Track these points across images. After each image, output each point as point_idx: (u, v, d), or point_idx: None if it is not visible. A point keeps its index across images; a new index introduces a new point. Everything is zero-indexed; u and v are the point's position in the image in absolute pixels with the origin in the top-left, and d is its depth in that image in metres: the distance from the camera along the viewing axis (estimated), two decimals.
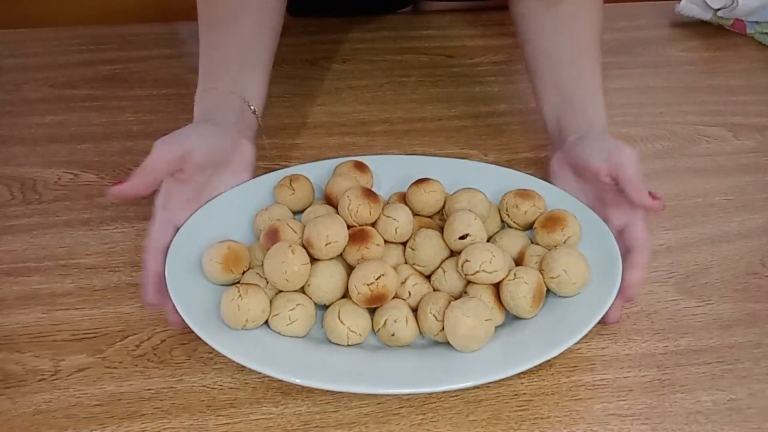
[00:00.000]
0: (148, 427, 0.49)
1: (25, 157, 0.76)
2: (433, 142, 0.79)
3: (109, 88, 0.89)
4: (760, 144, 0.80)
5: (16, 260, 0.63)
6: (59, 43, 1.00)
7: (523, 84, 0.92)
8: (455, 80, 0.92)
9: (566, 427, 0.49)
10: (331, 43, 1.00)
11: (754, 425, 0.50)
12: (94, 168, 0.75)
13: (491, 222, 0.62)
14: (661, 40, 1.03)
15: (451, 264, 0.56)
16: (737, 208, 0.70)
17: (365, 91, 0.89)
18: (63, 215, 0.68)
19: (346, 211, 0.57)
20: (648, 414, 0.50)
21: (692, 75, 0.95)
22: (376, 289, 0.52)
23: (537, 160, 0.76)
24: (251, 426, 0.49)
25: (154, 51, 0.98)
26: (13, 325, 0.57)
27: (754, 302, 0.60)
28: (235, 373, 0.53)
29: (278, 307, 0.53)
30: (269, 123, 0.82)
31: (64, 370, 0.53)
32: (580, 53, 0.71)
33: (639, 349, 0.55)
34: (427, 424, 0.49)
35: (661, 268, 0.63)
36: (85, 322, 0.57)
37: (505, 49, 1.00)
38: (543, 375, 0.53)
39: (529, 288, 0.53)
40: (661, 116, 0.85)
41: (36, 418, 0.50)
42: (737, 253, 0.64)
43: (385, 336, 0.52)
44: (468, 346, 0.51)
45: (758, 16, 1.02)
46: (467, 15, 1.08)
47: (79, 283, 0.60)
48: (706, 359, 0.54)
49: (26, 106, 0.85)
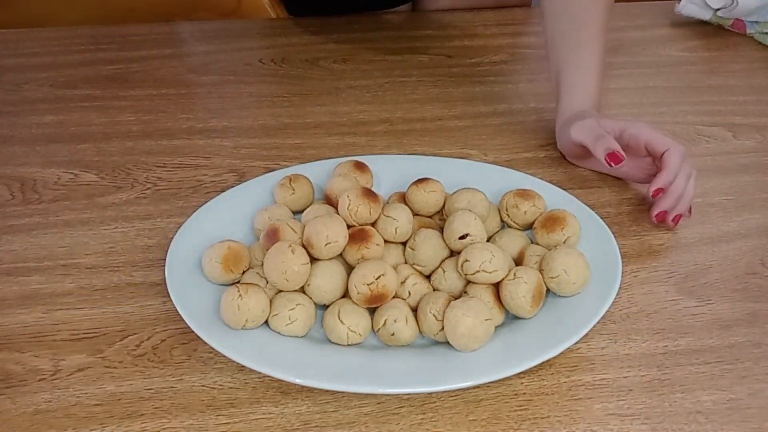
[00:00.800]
0: (148, 426, 0.49)
1: (25, 157, 0.76)
2: (433, 142, 0.79)
3: (109, 88, 0.89)
4: (760, 144, 0.80)
5: (16, 260, 0.63)
6: (59, 43, 1.00)
7: (523, 84, 0.92)
8: (455, 80, 0.92)
9: (566, 426, 0.49)
10: (331, 43, 1.00)
11: (753, 425, 0.50)
12: (94, 168, 0.75)
13: (491, 222, 0.62)
14: (661, 40, 1.03)
15: (451, 264, 0.56)
16: (737, 208, 0.70)
17: (365, 91, 0.89)
18: (63, 215, 0.68)
19: (346, 211, 0.57)
20: (648, 414, 0.50)
21: (692, 75, 0.95)
22: (376, 288, 0.52)
23: (537, 160, 0.76)
24: (251, 426, 0.49)
25: (154, 51, 0.98)
26: (13, 325, 0.57)
27: (754, 302, 0.60)
28: (235, 373, 0.53)
29: (278, 306, 0.53)
30: (269, 123, 0.82)
31: (64, 370, 0.53)
32: (580, 37, 0.74)
33: (639, 349, 0.55)
34: (427, 423, 0.49)
35: (661, 268, 0.63)
36: (85, 322, 0.57)
37: (505, 49, 1.00)
38: (543, 375, 0.53)
39: (528, 288, 0.53)
40: (661, 116, 0.85)
41: (36, 417, 0.50)
42: (737, 253, 0.64)
43: (384, 336, 0.52)
44: (468, 346, 0.51)
45: (758, 16, 1.02)
46: (467, 15, 1.08)
47: (79, 283, 0.60)
48: (706, 359, 0.54)
49: (26, 106, 0.85)
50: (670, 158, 0.64)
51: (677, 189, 0.64)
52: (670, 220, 0.65)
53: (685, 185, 0.65)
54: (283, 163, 0.74)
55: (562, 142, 0.74)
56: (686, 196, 0.65)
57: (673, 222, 0.65)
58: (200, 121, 0.83)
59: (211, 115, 0.84)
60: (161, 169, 0.75)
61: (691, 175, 0.65)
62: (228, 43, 1.00)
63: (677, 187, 0.64)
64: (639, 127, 0.67)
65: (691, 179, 0.65)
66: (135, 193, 0.71)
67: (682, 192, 0.64)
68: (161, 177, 0.73)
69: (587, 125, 0.68)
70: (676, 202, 0.64)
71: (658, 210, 0.64)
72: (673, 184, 0.64)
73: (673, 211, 0.65)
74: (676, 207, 0.65)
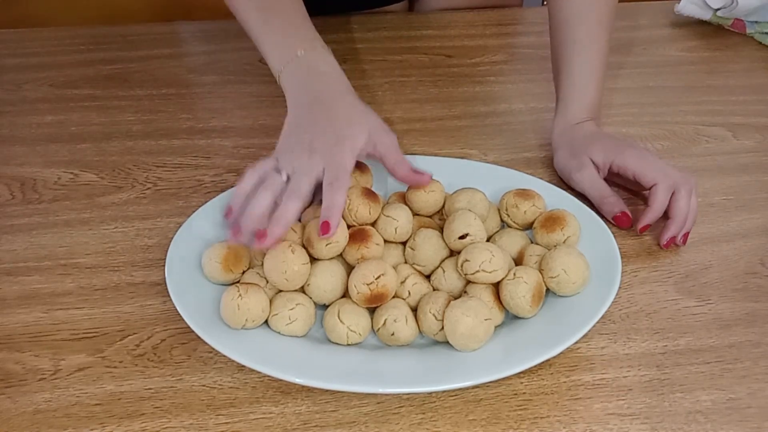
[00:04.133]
0: (147, 426, 0.49)
1: (25, 157, 0.76)
2: (433, 142, 0.79)
3: (109, 88, 0.89)
4: (760, 144, 0.80)
5: (16, 260, 0.63)
6: (59, 43, 1.00)
7: (523, 84, 0.92)
8: (455, 80, 0.92)
9: (565, 426, 0.49)
10: (330, 43, 0.99)
11: (753, 424, 0.50)
12: (94, 168, 0.75)
13: (491, 222, 0.62)
14: (661, 40, 1.03)
15: (451, 264, 0.56)
16: (737, 207, 0.70)
17: (365, 91, 0.89)
18: (63, 215, 0.68)
19: (346, 211, 0.57)
20: (647, 413, 0.50)
21: (692, 75, 0.95)
22: (376, 288, 0.52)
23: (537, 160, 0.76)
24: (251, 425, 0.49)
25: (154, 51, 0.98)
26: (13, 325, 0.57)
27: (753, 302, 0.60)
28: (235, 373, 0.53)
29: (278, 306, 0.53)
30: (269, 123, 0.82)
31: (64, 370, 0.53)
32: (581, 47, 0.73)
33: (638, 349, 0.55)
34: (426, 423, 0.49)
35: (660, 268, 0.63)
36: (85, 321, 0.57)
37: (505, 49, 1.00)
38: (542, 374, 0.53)
39: (528, 287, 0.53)
40: (661, 116, 0.85)
41: (36, 417, 0.50)
42: (737, 253, 0.64)
43: (384, 335, 0.53)
44: (467, 346, 0.51)
45: (758, 16, 1.02)
46: (467, 15, 1.08)
47: (79, 283, 0.60)
48: (706, 359, 0.54)
49: (26, 106, 0.85)
50: (657, 195, 0.64)
51: (680, 213, 0.64)
52: (680, 242, 0.64)
53: (687, 207, 0.64)
54: None
55: (556, 160, 0.73)
56: (691, 214, 0.64)
57: (682, 242, 0.64)
58: (200, 121, 0.83)
59: (211, 115, 0.84)
60: (161, 169, 0.75)
61: (691, 192, 0.65)
62: (228, 43, 0.99)
63: (680, 212, 0.64)
64: (626, 157, 0.67)
65: (693, 195, 0.65)
66: (135, 193, 0.71)
67: (686, 214, 0.64)
68: (161, 177, 0.73)
69: (588, 177, 0.68)
70: (683, 224, 0.64)
71: (667, 238, 0.64)
72: (674, 209, 0.64)
73: (681, 231, 0.64)
74: (684, 227, 0.64)
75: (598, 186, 0.67)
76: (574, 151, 0.70)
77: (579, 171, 0.68)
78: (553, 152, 0.74)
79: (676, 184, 0.64)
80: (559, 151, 0.72)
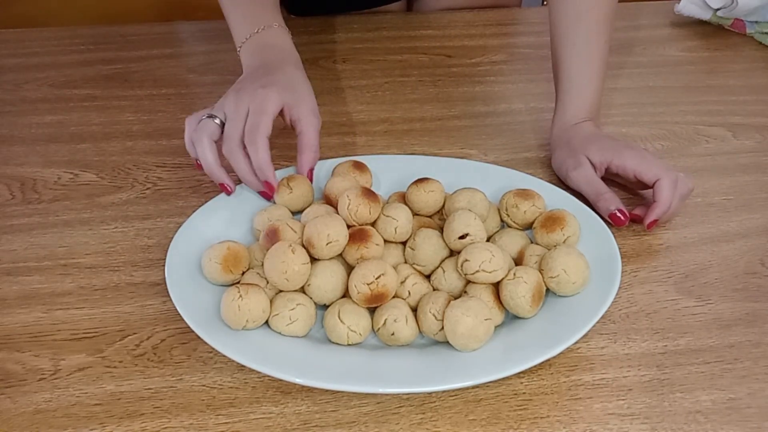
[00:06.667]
0: (147, 426, 0.49)
1: (25, 157, 0.76)
2: (433, 142, 0.80)
3: (109, 88, 0.89)
4: (760, 144, 0.80)
5: (16, 260, 0.63)
6: (59, 43, 1.00)
7: (523, 84, 0.92)
8: (455, 80, 0.92)
9: (565, 426, 0.49)
10: (331, 43, 1.00)
11: (753, 424, 0.50)
12: (94, 168, 0.75)
13: (491, 222, 0.62)
14: (661, 40, 1.03)
15: (451, 263, 0.56)
16: (737, 207, 0.70)
17: (365, 91, 0.89)
18: (63, 215, 0.68)
19: (346, 211, 0.57)
20: (647, 413, 0.50)
21: (692, 75, 0.95)
22: (376, 288, 0.52)
23: (537, 160, 0.76)
24: (251, 425, 0.49)
25: (154, 51, 0.98)
26: (13, 325, 0.57)
27: (753, 302, 0.60)
28: (235, 373, 0.53)
29: (278, 306, 0.53)
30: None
31: (64, 370, 0.53)
32: (581, 48, 0.74)
33: (638, 349, 0.55)
34: (426, 423, 0.49)
35: (660, 268, 0.63)
36: (85, 321, 0.57)
37: (505, 49, 1.00)
38: (542, 374, 0.53)
39: (528, 287, 0.53)
40: (660, 116, 0.85)
41: (36, 417, 0.50)
42: (737, 253, 0.64)
43: (384, 335, 0.53)
44: (467, 346, 0.51)
45: (758, 16, 1.02)
46: (467, 15, 1.08)
47: (79, 283, 0.60)
48: (706, 359, 0.54)
49: (26, 106, 0.86)
50: (663, 191, 0.64)
51: (674, 209, 0.66)
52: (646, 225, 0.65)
53: (680, 205, 0.66)
54: (282, 163, 0.74)
55: (554, 159, 0.73)
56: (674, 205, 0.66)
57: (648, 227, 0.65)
58: None
59: None
60: (161, 169, 0.75)
61: (688, 194, 0.67)
62: (228, 43, 0.99)
63: (675, 208, 0.66)
64: (624, 157, 0.67)
65: (685, 195, 0.67)
66: (135, 193, 0.71)
67: (670, 201, 0.65)
68: (161, 177, 0.73)
69: (584, 175, 0.68)
70: (666, 209, 0.65)
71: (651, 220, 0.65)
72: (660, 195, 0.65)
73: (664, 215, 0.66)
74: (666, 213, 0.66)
75: (594, 184, 0.67)
76: (571, 150, 0.70)
77: (575, 169, 0.68)
78: (551, 152, 0.74)
79: (678, 178, 0.65)
80: (556, 150, 0.73)
